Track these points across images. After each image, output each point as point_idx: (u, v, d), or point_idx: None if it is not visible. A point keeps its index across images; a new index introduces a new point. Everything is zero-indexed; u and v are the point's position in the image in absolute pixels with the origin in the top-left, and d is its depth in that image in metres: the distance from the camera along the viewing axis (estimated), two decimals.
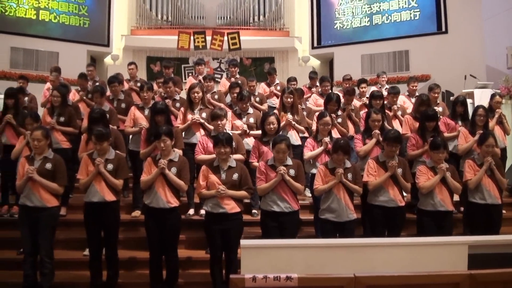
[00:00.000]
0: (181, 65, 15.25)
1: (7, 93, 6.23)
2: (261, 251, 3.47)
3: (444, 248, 3.56)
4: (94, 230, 4.63)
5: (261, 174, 4.60)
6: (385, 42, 14.22)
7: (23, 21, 14.04)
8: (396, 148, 4.87)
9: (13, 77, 12.32)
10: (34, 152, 4.61)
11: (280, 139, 4.61)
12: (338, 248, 3.56)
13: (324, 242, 3.78)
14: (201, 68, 8.42)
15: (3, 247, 5.39)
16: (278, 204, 4.51)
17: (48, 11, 14.48)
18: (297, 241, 3.88)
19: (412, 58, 13.69)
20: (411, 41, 13.77)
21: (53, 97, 6.03)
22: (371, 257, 3.47)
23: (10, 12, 13.88)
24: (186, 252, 5.31)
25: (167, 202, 4.50)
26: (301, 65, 15.45)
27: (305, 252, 3.50)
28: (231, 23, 15.70)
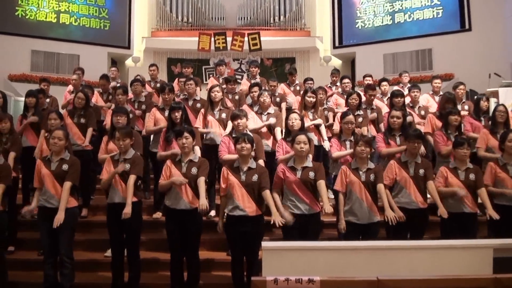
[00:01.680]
0: (201, 66, 15.37)
1: (28, 93, 6.39)
2: (283, 253, 3.47)
3: (468, 251, 3.51)
4: (117, 231, 4.67)
5: (279, 179, 4.60)
6: (407, 40, 14.09)
7: (44, 25, 14.33)
8: (419, 145, 4.80)
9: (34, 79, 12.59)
10: (51, 153, 4.63)
11: (300, 132, 4.63)
12: (361, 251, 3.54)
13: (346, 245, 3.75)
14: (222, 69, 8.45)
15: (24, 248, 5.51)
16: (298, 206, 4.49)
17: (69, 14, 14.74)
18: (319, 244, 3.87)
19: (435, 56, 13.53)
20: (434, 39, 13.61)
21: (77, 99, 6.12)
22: (394, 260, 3.43)
23: (30, 16, 14.18)
24: (207, 254, 5.32)
25: (188, 203, 4.52)
26: (322, 65, 15.40)
27: (327, 255, 3.49)
28: (252, 23, 15.74)
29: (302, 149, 4.53)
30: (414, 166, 4.81)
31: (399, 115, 5.44)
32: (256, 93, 6.52)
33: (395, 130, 5.45)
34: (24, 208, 4.59)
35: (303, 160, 4.58)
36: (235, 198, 4.42)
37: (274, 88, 7.68)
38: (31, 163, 4.94)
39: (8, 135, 5.48)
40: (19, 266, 5.13)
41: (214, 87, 6.04)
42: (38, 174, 4.60)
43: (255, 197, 4.44)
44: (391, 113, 5.50)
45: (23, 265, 5.19)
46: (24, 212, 4.66)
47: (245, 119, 5.21)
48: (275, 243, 3.87)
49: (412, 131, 4.92)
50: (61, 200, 4.43)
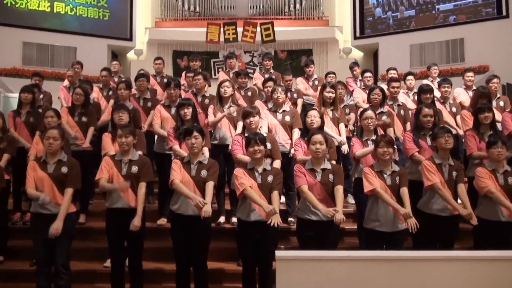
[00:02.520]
0: (210, 59, 15.40)
1: (24, 88, 6.38)
2: (299, 263, 3.46)
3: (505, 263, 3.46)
4: (117, 239, 4.69)
5: (301, 173, 4.58)
6: (437, 29, 13.99)
7: (36, 14, 14.41)
8: (449, 138, 4.75)
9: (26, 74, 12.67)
10: (45, 154, 4.63)
11: (316, 131, 4.64)
12: (385, 262, 3.51)
13: (369, 255, 3.72)
14: (233, 62, 8.47)
15: (15, 257, 5.52)
16: (316, 212, 4.48)
17: (64, 2, 14.83)
18: (339, 253, 3.85)
19: (468, 47, 13.40)
20: (466, 28, 13.49)
21: (75, 95, 6.16)
22: (422, 272, 3.41)
23: (21, 5, 14.27)
24: (216, 264, 5.32)
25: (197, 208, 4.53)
26: (342, 57, 15.36)
27: (347, 265, 3.47)
28: (264, 12, 15.76)
29: (318, 150, 4.53)
30: (448, 169, 4.77)
31: (432, 113, 5.37)
32: (270, 89, 6.52)
33: (426, 129, 5.39)
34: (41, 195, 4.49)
35: (320, 162, 4.59)
36: (250, 201, 4.44)
37: (289, 83, 7.67)
38: (23, 165, 4.97)
39: (2, 134, 5.53)
40: (9, 277, 5.18)
41: (224, 81, 6.06)
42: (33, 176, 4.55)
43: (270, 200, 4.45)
44: (423, 111, 5.38)
45: (13, 276, 5.23)
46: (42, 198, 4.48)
47: (257, 117, 5.22)
48: (290, 252, 3.87)
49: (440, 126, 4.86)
50: (62, 208, 4.44)
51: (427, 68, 9.16)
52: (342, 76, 9.00)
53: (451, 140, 4.76)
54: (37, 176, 4.54)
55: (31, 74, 8.51)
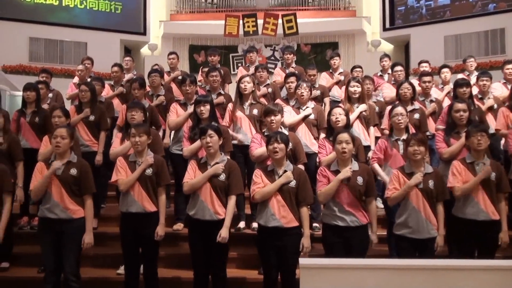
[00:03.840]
0: (229, 54, 15.45)
1: (26, 86, 6.32)
2: (324, 271, 3.45)
3: None
4: (132, 245, 4.74)
5: (324, 177, 4.58)
6: (474, 19, 13.80)
7: (44, 8, 14.55)
8: (482, 138, 4.69)
9: (33, 71, 12.82)
10: (54, 155, 4.68)
11: (342, 130, 4.65)
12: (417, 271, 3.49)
13: (399, 263, 3.71)
14: (253, 57, 8.50)
15: (22, 264, 5.60)
16: (342, 218, 4.47)
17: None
18: (367, 261, 3.84)
19: (509, 37, 13.19)
20: (508, 16, 13.27)
21: (80, 92, 6.22)
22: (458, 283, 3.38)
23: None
24: (236, 272, 5.36)
25: (214, 213, 4.55)
26: (370, 50, 15.27)
27: (377, 274, 3.46)
28: (287, 3, 15.76)
29: (344, 149, 4.51)
30: (481, 168, 4.70)
31: (465, 107, 5.29)
32: (292, 85, 6.52)
33: (460, 126, 5.32)
34: (54, 164, 4.56)
35: (347, 163, 4.56)
36: (270, 205, 4.44)
37: (313, 79, 7.66)
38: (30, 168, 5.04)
39: (3, 135, 5.57)
40: (14, 285, 5.25)
41: (244, 77, 6.08)
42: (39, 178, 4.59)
43: (292, 205, 4.45)
44: (455, 107, 5.31)
45: (19, 284, 5.30)
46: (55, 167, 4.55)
47: (279, 116, 5.22)
48: (315, 260, 3.86)
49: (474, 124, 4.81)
50: (87, 221, 4.58)
51: (463, 61, 9.05)
52: (370, 70, 8.96)
53: (484, 140, 4.67)
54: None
55: (38, 71, 8.57)
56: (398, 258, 4.43)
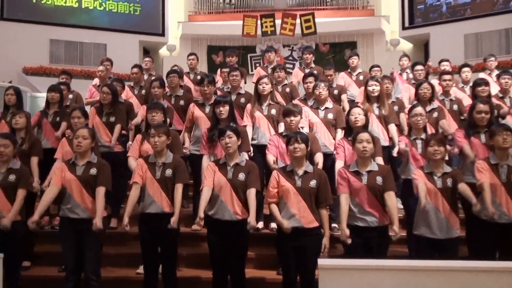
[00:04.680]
0: (247, 54, 15.47)
1: (51, 87, 6.46)
2: (343, 272, 3.45)
3: None
4: (150, 245, 4.77)
5: (343, 180, 4.56)
6: (495, 17, 13.64)
7: (63, 10, 14.74)
8: (507, 136, 4.62)
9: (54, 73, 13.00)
10: (75, 155, 4.73)
11: (362, 129, 4.65)
12: (437, 272, 3.46)
13: (419, 264, 3.68)
14: (271, 57, 8.48)
15: (43, 263, 5.65)
16: (362, 218, 4.45)
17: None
18: (387, 262, 3.81)
19: None
20: None
21: (102, 93, 6.28)
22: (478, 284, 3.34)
23: (47, 1, 14.64)
24: (255, 272, 5.36)
25: (234, 213, 4.54)
26: (389, 49, 15.19)
27: (396, 276, 3.44)
28: (305, 3, 15.74)
29: (365, 148, 4.49)
30: (506, 170, 4.65)
31: (487, 109, 5.24)
32: (311, 85, 6.50)
33: (481, 127, 5.28)
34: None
35: (367, 163, 4.54)
36: (289, 206, 4.43)
37: (331, 78, 7.63)
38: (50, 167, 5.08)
39: (24, 135, 5.65)
40: (35, 284, 5.28)
41: (263, 78, 6.08)
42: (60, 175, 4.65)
43: (312, 206, 4.44)
44: (477, 108, 5.26)
45: (40, 283, 5.34)
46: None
47: (299, 117, 5.22)
48: (335, 260, 3.85)
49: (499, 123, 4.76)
50: (98, 209, 4.54)
51: (483, 60, 8.95)
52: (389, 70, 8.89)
53: (510, 139, 4.63)
54: (65, 178, 4.65)
55: (59, 72, 8.67)
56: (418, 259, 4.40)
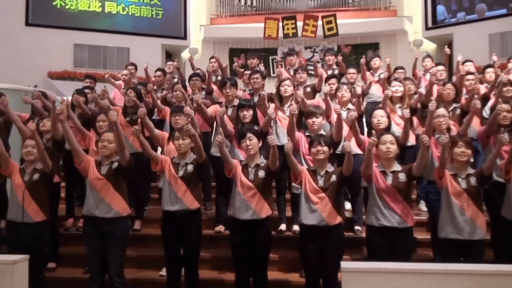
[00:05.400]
0: (268, 56, 15.48)
1: (77, 91, 6.55)
2: (367, 276, 3.41)
3: None
4: (173, 245, 4.79)
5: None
6: None
7: (87, 15, 14.96)
8: None
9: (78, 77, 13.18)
10: (101, 157, 4.80)
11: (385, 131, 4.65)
12: (462, 276, 3.40)
13: (444, 268, 3.62)
14: (293, 60, 8.47)
15: (68, 264, 5.73)
16: (387, 217, 4.41)
17: (115, 2, 15.31)
18: (412, 265, 3.77)
19: None
20: None
21: (127, 97, 6.34)
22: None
23: (71, 6, 14.85)
24: (278, 274, 5.34)
25: (257, 213, 4.55)
26: (412, 50, 15.04)
27: (421, 279, 3.39)
28: (326, 4, 15.69)
29: (388, 149, 4.47)
30: None
31: (509, 108, 5.17)
32: (333, 86, 6.48)
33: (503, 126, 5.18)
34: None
35: (391, 164, 4.52)
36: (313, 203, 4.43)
37: (353, 77, 7.57)
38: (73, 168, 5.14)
39: (49, 136, 5.66)
40: (61, 285, 5.36)
41: (285, 80, 6.07)
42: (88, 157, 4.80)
43: (336, 202, 4.46)
44: (498, 107, 5.20)
45: (65, 284, 5.41)
46: None
47: (321, 118, 5.23)
48: (358, 263, 3.82)
49: None
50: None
51: (507, 60, 8.80)
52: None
53: None
54: (91, 177, 4.69)
55: (83, 76, 8.78)
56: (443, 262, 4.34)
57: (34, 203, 4.75)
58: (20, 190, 4.70)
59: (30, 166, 4.85)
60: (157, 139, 5.66)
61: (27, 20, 14.58)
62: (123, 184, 4.76)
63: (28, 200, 4.71)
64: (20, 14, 14.50)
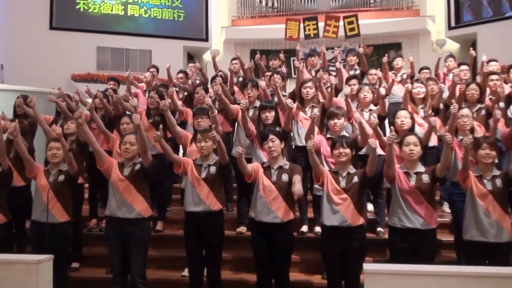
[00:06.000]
0: (290, 57, 15.43)
1: (95, 94, 6.60)
2: (390, 278, 3.38)
3: None
4: (196, 246, 4.80)
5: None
6: None
7: (110, 18, 15.16)
8: None
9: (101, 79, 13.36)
10: (123, 159, 4.84)
11: (409, 132, 4.62)
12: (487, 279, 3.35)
13: (468, 270, 3.58)
14: (314, 61, 8.45)
15: (91, 265, 5.79)
16: (411, 220, 4.37)
17: (138, 5, 15.47)
18: (435, 268, 3.72)
19: None
20: None
21: (149, 99, 6.39)
22: None
23: (94, 9, 15.07)
24: (299, 276, 5.34)
25: (278, 215, 4.54)
26: (435, 50, 14.89)
27: (445, 282, 3.35)
28: (348, 4, 15.63)
29: (412, 151, 4.42)
30: None
31: None
32: (354, 87, 6.44)
33: None
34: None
35: (414, 165, 4.47)
36: (335, 204, 4.41)
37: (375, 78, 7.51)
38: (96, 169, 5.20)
39: (74, 138, 5.74)
40: (84, 285, 5.42)
41: (306, 82, 6.06)
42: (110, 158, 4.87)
43: (359, 204, 4.43)
44: None
45: (89, 283, 5.48)
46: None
47: (343, 119, 5.19)
48: (380, 265, 3.80)
49: None
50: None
51: None
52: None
53: None
54: (114, 178, 4.74)
55: (106, 79, 8.88)
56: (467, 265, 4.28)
57: (58, 204, 4.81)
58: (45, 191, 4.74)
59: (55, 168, 4.91)
60: (179, 137, 5.69)
61: (51, 24, 14.81)
62: (145, 186, 4.80)
63: (53, 201, 4.76)
64: (44, 18, 14.74)
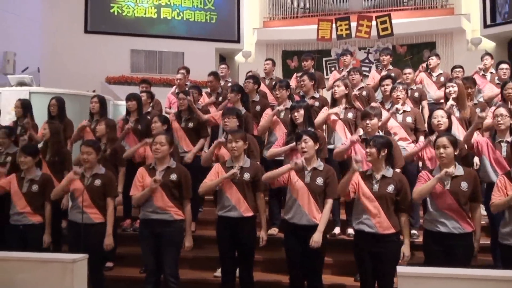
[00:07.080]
0: (322, 58, 15.39)
1: (128, 96, 6.70)
2: (424, 281, 3.34)
3: None
4: (228, 248, 4.84)
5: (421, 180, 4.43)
6: None
7: (143, 21, 15.41)
8: None
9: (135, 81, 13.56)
10: (154, 161, 4.88)
11: (442, 133, 4.53)
12: None
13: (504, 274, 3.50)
14: (346, 60, 8.40)
15: (125, 264, 5.90)
16: (445, 224, 4.30)
17: (171, 8, 15.66)
18: (469, 271, 3.66)
19: None
20: None
21: (178, 100, 6.44)
22: None
23: (128, 13, 15.32)
24: (332, 278, 5.32)
25: (312, 218, 4.53)
26: (470, 49, 14.62)
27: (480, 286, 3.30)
28: (380, 4, 15.46)
29: (442, 154, 4.33)
30: None
31: None
32: (388, 87, 6.38)
33: None
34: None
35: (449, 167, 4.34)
36: (365, 210, 4.37)
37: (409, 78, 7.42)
38: (131, 173, 5.29)
39: (106, 142, 5.89)
40: (118, 284, 5.49)
41: (336, 81, 6.04)
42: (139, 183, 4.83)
43: (389, 212, 4.36)
44: None
45: (123, 283, 5.56)
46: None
47: (376, 120, 5.12)
48: (414, 268, 3.74)
49: None
50: (187, 225, 4.84)
51: None
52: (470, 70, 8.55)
53: None
54: (146, 183, 4.78)
55: (139, 81, 9.01)
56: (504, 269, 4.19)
57: (93, 206, 4.90)
58: (80, 194, 4.83)
59: (89, 171, 4.99)
60: (210, 122, 6.11)
61: (86, 28, 15.12)
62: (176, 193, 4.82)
63: (88, 203, 4.85)
64: (79, 22, 15.05)
